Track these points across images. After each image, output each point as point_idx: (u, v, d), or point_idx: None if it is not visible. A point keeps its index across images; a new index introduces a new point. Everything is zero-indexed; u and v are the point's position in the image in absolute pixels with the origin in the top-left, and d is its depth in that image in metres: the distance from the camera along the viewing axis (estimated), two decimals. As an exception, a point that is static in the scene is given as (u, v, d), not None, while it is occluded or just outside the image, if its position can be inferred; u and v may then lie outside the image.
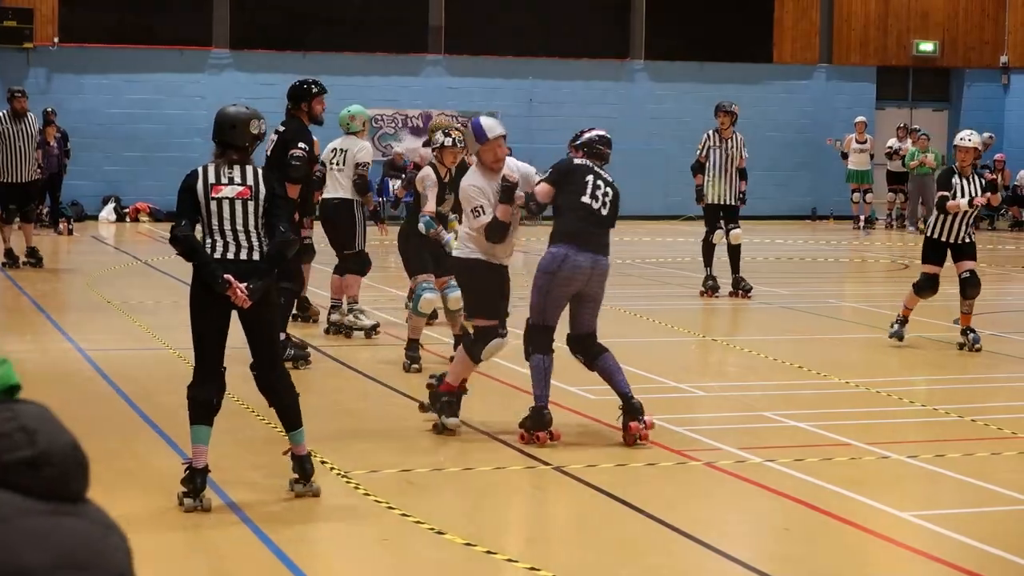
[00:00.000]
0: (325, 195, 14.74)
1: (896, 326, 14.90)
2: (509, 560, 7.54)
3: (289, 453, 8.72)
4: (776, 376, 13.62)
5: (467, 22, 32.10)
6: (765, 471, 9.43)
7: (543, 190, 10.26)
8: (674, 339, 15.81)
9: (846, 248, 27.91)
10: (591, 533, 8.44)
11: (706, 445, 10.26)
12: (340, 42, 31.30)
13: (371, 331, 14.78)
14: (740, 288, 18.63)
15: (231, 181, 8.51)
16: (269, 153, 13.07)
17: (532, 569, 7.35)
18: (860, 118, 31.76)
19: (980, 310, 14.81)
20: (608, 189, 10.32)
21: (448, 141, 13.01)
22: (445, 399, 10.40)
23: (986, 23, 35.68)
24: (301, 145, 12.90)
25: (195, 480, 8.31)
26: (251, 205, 8.50)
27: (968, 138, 14.81)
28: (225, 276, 8.26)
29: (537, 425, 9.99)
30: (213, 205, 8.47)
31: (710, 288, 18.70)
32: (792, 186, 33.76)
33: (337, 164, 14.64)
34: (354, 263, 14.80)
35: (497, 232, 10.22)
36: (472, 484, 9.35)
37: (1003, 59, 35.73)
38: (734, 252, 18.57)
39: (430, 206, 13.08)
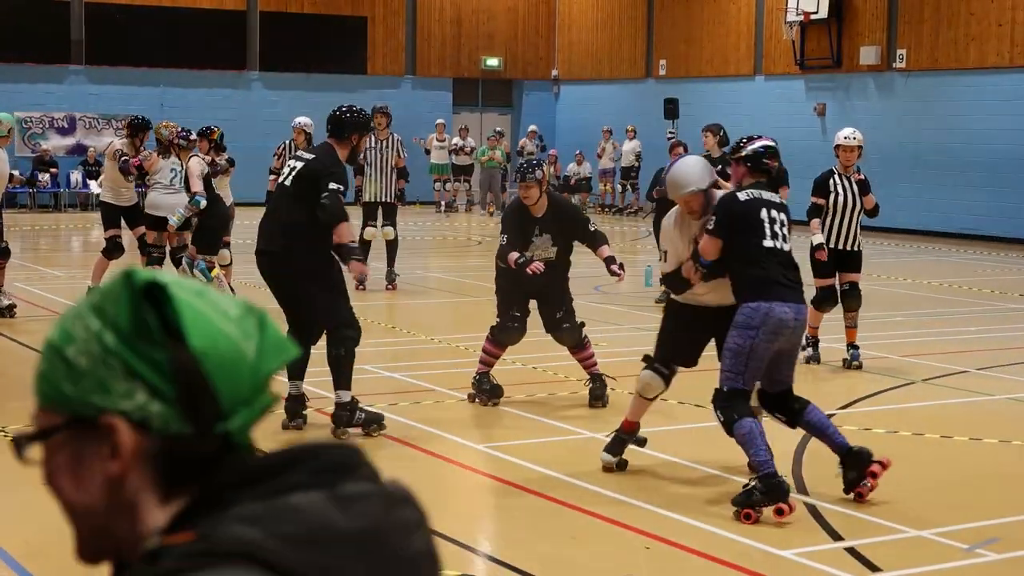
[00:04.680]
0: None
1: (810, 349, 11.94)
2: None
3: None
4: (374, 335, 13.71)
5: (105, 37, 31.18)
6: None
7: (711, 246, 7.57)
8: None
9: (431, 228, 28.24)
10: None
11: (314, 394, 10.26)
12: (-9, 53, 30.07)
13: (7, 311, 13.64)
14: (390, 280, 16.88)
15: None
16: (289, 183, 9.06)
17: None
18: (440, 120, 32.16)
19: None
20: (782, 216, 7.58)
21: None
22: (615, 433, 8.40)
23: (540, 43, 36.59)
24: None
25: None
26: None
27: (852, 136, 11.89)
28: None
29: (774, 496, 7.15)
30: None
31: (359, 281, 15.60)
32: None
33: None
34: None
35: (676, 285, 8.02)
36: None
37: (554, 72, 36.69)
38: (391, 247, 16.83)
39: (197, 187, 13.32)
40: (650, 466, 8.47)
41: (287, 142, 16.65)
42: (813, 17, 28.56)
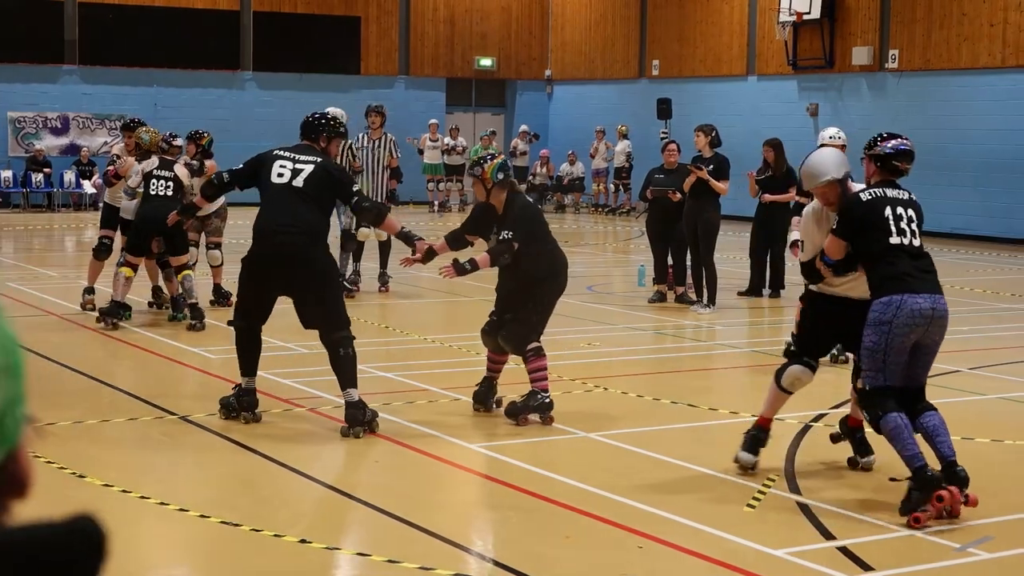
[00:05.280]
0: None
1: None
2: (142, 497, 7.42)
3: None
4: (367, 335, 13.71)
5: (98, 37, 31.16)
6: (359, 414, 9.50)
7: (834, 246, 7.68)
8: (288, 306, 15.68)
9: (424, 228, 28.22)
10: (212, 471, 8.36)
11: (310, 394, 10.27)
12: (-15, 53, 30.05)
13: None
14: (383, 282, 16.65)
15: None
16: (301, 184, 9.14)
17: (162, 504, 7.24)
18: (433, 121, 32.19)
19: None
20: (910, 211, 7.59)
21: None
22: (751, 432, 8.28)
23: (533, 43, 36.60)
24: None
25: None
26: None
27: (837, 135, 12.19)
28: None
29: (928, 487, 7.13)
30: None
31: (352, 282, 16.13)
32: (379, 177, 33.93)
33: None
34: None
35: (811, 275, 8.00)
36: (106, 435, 9.13)
37: (547, 73, 36.70)
38: (383, 248, 16.55)
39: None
40: (643, 466, 8.48)
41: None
42: (806, 17, 28.59)
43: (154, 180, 13.42)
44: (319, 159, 9.29)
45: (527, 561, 6.55)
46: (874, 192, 7.61)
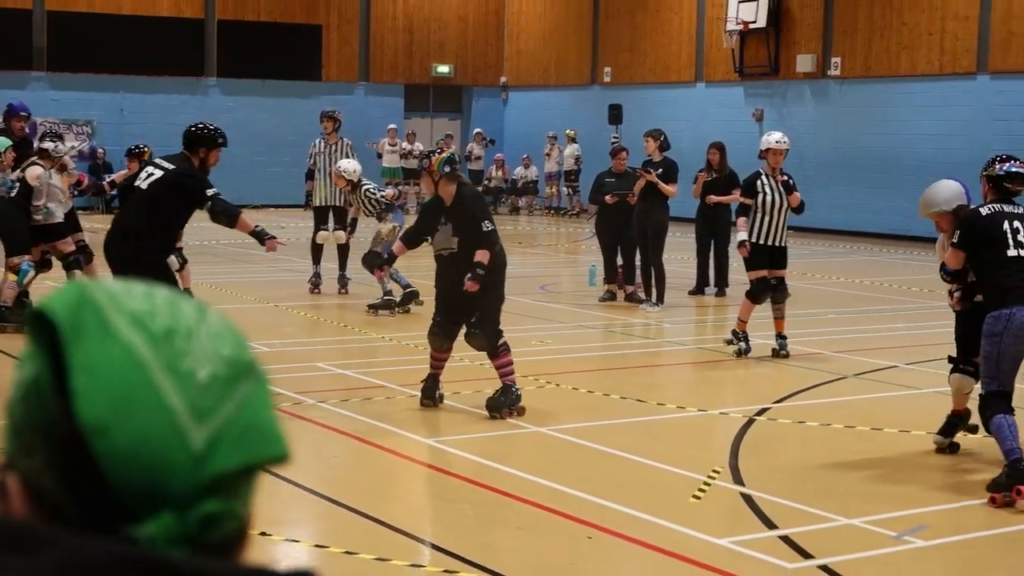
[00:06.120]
0: None
1: (743, 344, 12.33)
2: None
3: None
4: (326, 334, 13.69)
5: (66, 44, 30.95)
6: (318, 410, 9.48)
7: (954, 258, 8.11)
8: (251, 306, 15.63)
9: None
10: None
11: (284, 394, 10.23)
12: (-47, 60, 29.79)
13: None
14: (343, 284, 16.25)
15: None
16: (145, 187, 9.29)
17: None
18: (392, 125, 32.12)
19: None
20: None
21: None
22: (948, 418, 8.77)
23: (489, 51, 36.60)
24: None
25: None
26: None
27: (783, 140, 12.50)
28: None
29: (1016, 478, 7.46)
30: None
31: (313, 284, 16.29)
32: (339, 180, 33.79)
33: None
34: None
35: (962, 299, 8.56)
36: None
37: (503, 79, 36.71)
38: (342, 251, 16.19)
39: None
40: (593, 459, 8.51)
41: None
42: (752, 26, 28.72)
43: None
44: (174, 167, 9.33)
45: (480, 552, 6.58)
46: (993, 207, 7.98)
